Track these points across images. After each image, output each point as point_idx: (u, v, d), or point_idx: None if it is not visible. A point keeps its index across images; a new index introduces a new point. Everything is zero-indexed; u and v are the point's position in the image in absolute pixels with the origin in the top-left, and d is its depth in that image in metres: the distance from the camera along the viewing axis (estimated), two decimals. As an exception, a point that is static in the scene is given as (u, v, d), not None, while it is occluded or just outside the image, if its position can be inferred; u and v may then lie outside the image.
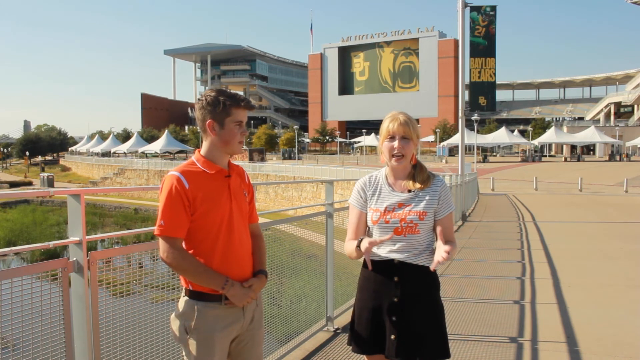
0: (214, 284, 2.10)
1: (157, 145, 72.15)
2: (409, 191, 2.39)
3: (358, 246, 2.31)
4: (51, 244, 2.26)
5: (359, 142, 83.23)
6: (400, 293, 2.32)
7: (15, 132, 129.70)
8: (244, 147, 2.31)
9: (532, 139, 73.31)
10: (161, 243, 2.08)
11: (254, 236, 2.37)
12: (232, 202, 2.20)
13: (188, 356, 2.16)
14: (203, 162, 2.18)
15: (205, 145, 2.22)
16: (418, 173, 2.41)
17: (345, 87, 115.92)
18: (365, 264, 2.45)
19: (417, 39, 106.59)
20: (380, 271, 2.36)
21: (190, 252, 2.14)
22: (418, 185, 2.37)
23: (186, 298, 2.18)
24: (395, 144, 2.36)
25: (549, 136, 65.92)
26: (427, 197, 2.37)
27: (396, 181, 2.43)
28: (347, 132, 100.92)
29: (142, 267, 3.04)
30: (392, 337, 2.31)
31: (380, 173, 2.49)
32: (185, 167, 2.16)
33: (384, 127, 2.40)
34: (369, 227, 2.44)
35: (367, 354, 2.44)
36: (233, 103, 2.15)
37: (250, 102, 2.23)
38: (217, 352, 2.14)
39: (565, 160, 62.81)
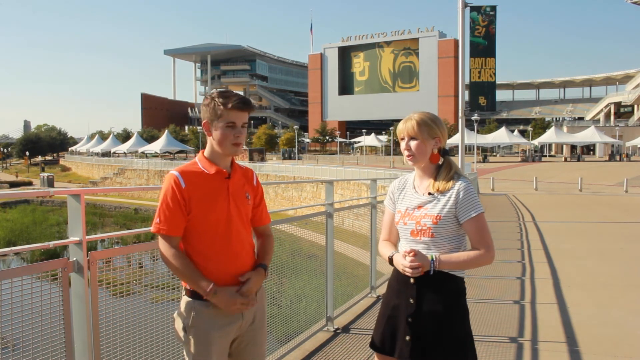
0: (200, 289, 2.10)
1: (157, 145, 72.10)
2: (430, 194, 2.35)
3: (390, 262, 2.37)
4: (51, 244, 2.26)
5: (359, 142, 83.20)
6: (416, 295, 2.30)
7: (15, 132, 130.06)
8: (244, 147, 2.31)
9: (532, 139, 73.26)
10: (159, 240, 2.14)
11: (263, 235, 2.39)
12: (230, 204, 2.19)
13: (187, 355, 2.17)
14: (204, 162, 2.20)
15: (207, 146, 2.24)
16: (439, 174, 2.37)
17: (345, 87, 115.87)
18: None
19: (417, 39, 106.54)
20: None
21: (188, 250, 2.16)
22: (436, 187, 2.33)
23: (185, 297, 2.20)
24: (403, 144, 2.38)
25: (549, 136, 65.88)
26: (443, 200, 2.31)
27: (421, 183, 2.42)
28: (347, 132, 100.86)
29: (142, 267, 3.04)
30: (407, 338, 2.29)
31: (412, 175, 2.50)
32: (186, 166, 2.19)
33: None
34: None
35: (381, 353, 2.41)
36: (223, 104, 2.14)
37: (242, 103, 2.16)
38: (215, 352, 2.14)
39: (565, 160, 62.77)
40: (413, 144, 2.34)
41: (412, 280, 2.31)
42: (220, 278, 2.15)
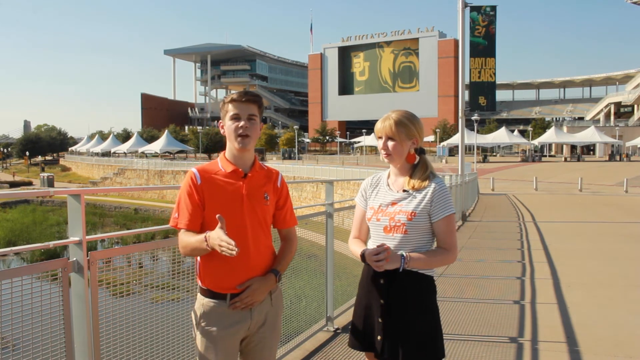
0: (201, 242, 2.06)
1: (157, 145, 72.11)
2: (405, 191, 2.36)
3: (363, 259, 2.29)
4: (51, 244, 2.26)
5: (359, 142, 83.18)
6: (386, 295, 2.30)
7: (15, 132, 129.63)
8: None
9: (532, 139, 73.29)
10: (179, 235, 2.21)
11: (284, 239, 2.41)
12: (243, 203, 2.20)
13: (196, 351, 2.21)
14: (223, 162, 2.26)
15: (226, 147, 2.30)
16: (415, 172, 2.38)
17: (345, 87, 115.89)
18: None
19: (417, 39, 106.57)
20: (372, 271, 2.33)
21: None
22: (412, 185, 2.35)
23: (198, 294, 2.25)
24: (380, 143, 2.39)
25: (549, 136, 65.92)
26: (418, 198, 2.32)
27: (395, 180, 2.43)
28: (347, 132, 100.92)
29: (142, 267, 3.04)
30: (379, 337, 2.31)
31: (385, 172, 2.50)
32: (206, 165, 2.27)
33: None
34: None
35: (360, 350, 2.45)
36: (226, 99, 2.24)
37: (242, 94, 2.22)
38: (220, 350, 2.15)
39: (565, 160, 62.81)
40: (390, 144, 2.35)
41: (382, 280, 2.31)
42: (231, 277, 2.17)
